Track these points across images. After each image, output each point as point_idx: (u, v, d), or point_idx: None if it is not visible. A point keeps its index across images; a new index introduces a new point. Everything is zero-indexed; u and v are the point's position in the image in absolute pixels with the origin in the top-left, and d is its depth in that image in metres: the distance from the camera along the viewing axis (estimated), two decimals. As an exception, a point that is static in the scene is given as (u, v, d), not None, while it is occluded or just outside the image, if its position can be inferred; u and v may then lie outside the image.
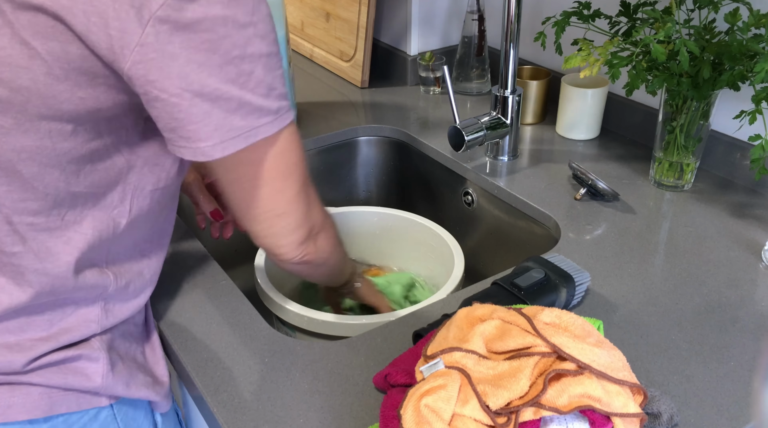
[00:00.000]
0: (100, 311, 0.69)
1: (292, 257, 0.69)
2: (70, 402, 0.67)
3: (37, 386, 0.65)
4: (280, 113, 0.60)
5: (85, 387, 0.67)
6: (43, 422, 0.66)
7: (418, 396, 0.55)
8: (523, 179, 1.06)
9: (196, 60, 0.54)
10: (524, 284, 0.74)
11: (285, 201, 0.65)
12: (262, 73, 0.57)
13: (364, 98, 1.38)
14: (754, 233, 0.90)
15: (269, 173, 0.63)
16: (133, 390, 0.70)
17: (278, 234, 0.67)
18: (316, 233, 0.70)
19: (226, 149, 0.58)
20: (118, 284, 0.69)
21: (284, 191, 0.65)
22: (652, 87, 0.90)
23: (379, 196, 1.34)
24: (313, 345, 0.73)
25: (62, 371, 0.66)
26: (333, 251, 0.76)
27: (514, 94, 1.06)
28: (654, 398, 0.61)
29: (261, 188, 0.63)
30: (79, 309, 0.67)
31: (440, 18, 1.41)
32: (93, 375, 0.67)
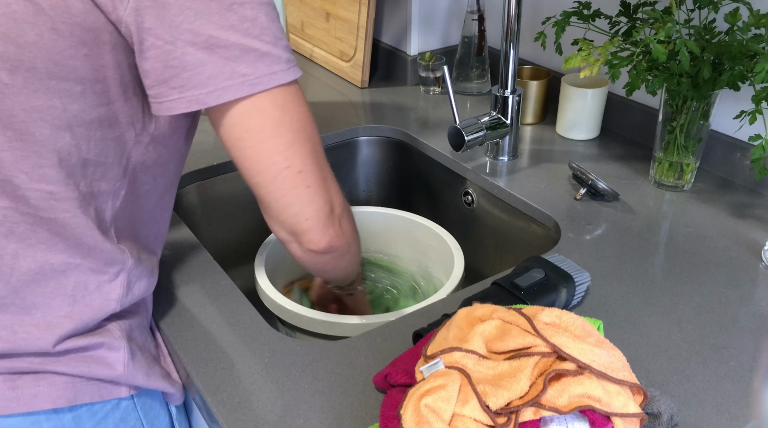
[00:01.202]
0: (122, 289, 0.69)
1: (318, 237, 0.67)
2: (93, 391, 0.67)
3: (61, 375, 0.66)
4: (291, 63, 0.60)
5: (107, 376, 0.68)
6: (68, 411, 0.67)
7: (418, 396, 0.55)
8: (523, 179, 1.06)
9: (191, 7, 0.54)
10: (524, 284, 0.74)
11: (301, 156, 0.63)
12: (266, 20, 0.57)
13: (364, 98, 1.38)
14: (754, 233, 0.90)
15: (283, 123, 0.61)
16: (152, 380, 0.71)
17: (300, 200, 0.64)
18: (339, 213, 0.68)
19: (222, 96, 0.57)
20: (134, 258, 0.70)
21: (300, 143, 0.62)
22: (652, 87, 0.90)
23: (379, 196, 1.34)
24: (313, 345, 0.73)
25: (85, 359, 0.66)
26: (354, 237, 0.74)
27: (514, 94, 1.06)
28: (654, 398, 0.61)
29: (274, 139, 0.61)
30: (102, 286, 0.68)
31: (440, 18, 1.41)
32: (115, 363, 0.68)
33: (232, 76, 0.57)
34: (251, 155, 0.62)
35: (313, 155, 0.64)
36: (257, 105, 0.59)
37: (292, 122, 0.61)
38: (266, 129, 0.60)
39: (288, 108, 0.61)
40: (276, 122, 0.60)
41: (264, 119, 0.60)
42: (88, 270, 0.66)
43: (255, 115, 0.60)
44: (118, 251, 0.68)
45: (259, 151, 0.61)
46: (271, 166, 0.62)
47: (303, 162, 0.63)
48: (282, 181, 0.63)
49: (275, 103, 0.60)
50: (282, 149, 0.62)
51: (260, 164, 0.62)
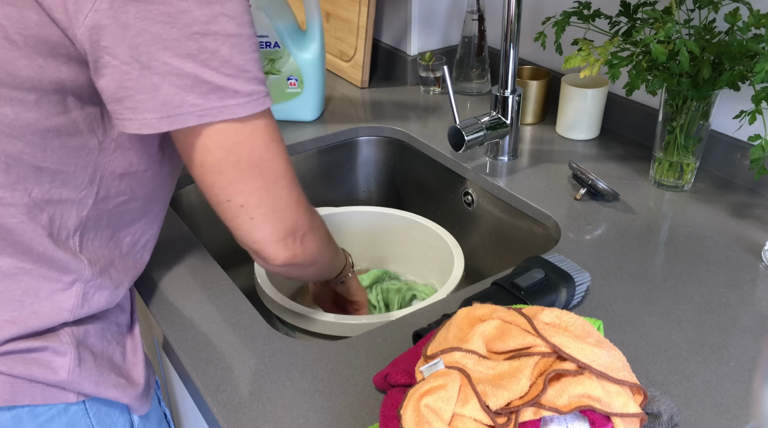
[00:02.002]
0: (77, 300, 0.67)
1: (273, 256, 0.67)
2: (34, 393, 0.65)
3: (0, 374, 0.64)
4: (253, 96, 0.59)
5: (49, 380, 0.65)
6: (6, 410, 0.65)
7: (418, 396, 0.55)
8: (523, 179, 1.06)
9: (151, 31, 0.53)
10: (524, 284, 0.74)
11: (241, 193, 0.63)
12: (230, 53, 0.56)
13: (364, 98, 1.38)
14: (754, 233, 0.90)
15: (227, 162, 0.61)
16: (102, 390, 0.69)
17: (243, 227, 0.65)
18: (302, 234, 0.68)
19: (173, 124, 0.56)
20: (93, 270, 0.68)
21: (247, 181, 0.62)
22: (652, 87, 0.90)
23: (379, 196, 1.34)
24: (313, 345, 0.73)
25: (26, 361, 0.65)
26: (321, 252, 0.74)
27: (514, 94, 1.06)
28: (654, 398, 0.61)
29: (214, 175, 0.61)
30: (54, 295, 0.66)
31: (440, 18, 1.41)
32: (59, 368, 0.66)
33: (181, 105, 0.56)
34: (197, 180, 0.63)
35: (261, 190, 0.63)
36: (201, 141, 0.59)
37: (238, 161, 0.61)
38: (207, 165, 0.61)
39: (235, 148, 0.60)
40: (219, 160, 0.60)
41: (207, 155, 0.60)
42: (39, 276, 0.65)
43: (198, 150, 0.60)
44: (74, 260, 0.66)
45: (202, 181, 0.62)
46: (212, 196, 0.63)
47: (245, 198, 0.63)
48: (223, 211, 0.64)
49: (221, 142, 0.59)
50: (224, 185, 0.62)
51: (204, 190, 0.63)
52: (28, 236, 0.63)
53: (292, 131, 1.24)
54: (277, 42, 1.19)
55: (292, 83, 1.23)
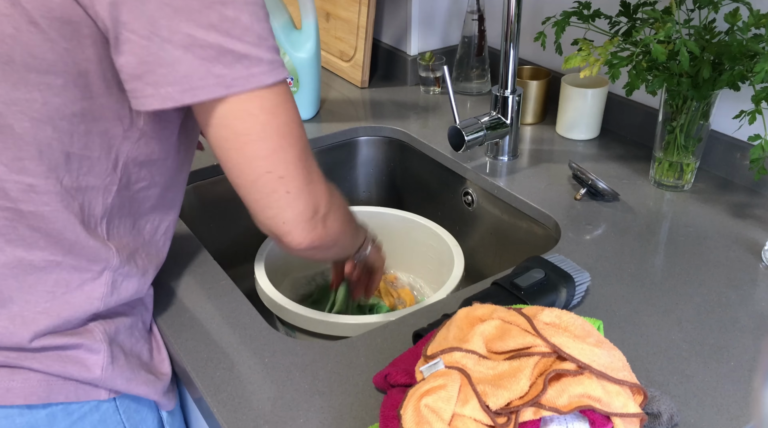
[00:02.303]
0: (106, 288, 0.68)
1: (299, 239, 0.66)
2: (69, 391, 0.66)
3: (36, 371, 0.65)
4: (275, 64, 0.58)
5: (84, 378, 0.67)
6: (41, 408, 0.66)
7: (418, 396, 0.55)
8: (523, 179, 1.06)
9: (171, 4, 0.53)
10: (524, 284, 0.74)
11: (284, 162, 0.62)
12: (249, 20, 0.56)
13: (364, 98, 1.38)
14: (754, 233, 0.90)
15: (266, 128, 0.60)
16: (133, 386, 0.70)
17: (278, 204, 0.63)
18: (323, 213, 0.67)
19: (197, 96, 0.56)
20: (120, 257, 0.69)
21: (284, 149, 0.61)
22: (652, 87, 0.90)
23: (379, 196, 1.34)
24: (313, 345, 0.73)
25: (62, 359, 0.66)
26: (344, 231, 0.73)
27: (514, 95, 1.06)
28: (654, 398, 0.61)
29: (257, 144, 0.60)
30: (85, 285, 0.67)
31: (440, 18, 1.41)
32: (93, 366, 0.67)
33: (206, 76, 0.55)
34: (234, 157, 0.61)
35: (297, 160, 0.63)
36: (243, 107, 0.58)
37: (278, 126, 0.60)
38: (252, 133, 0.59)
39: (275, 112, 0.60)
40: (263, 126, 0.59)
41: (250, 122, 0.59)
42: (70, 268, 0.66)
43: (241, 117, 0.59)
44: (103, 248, 0.67)
45: (241, 154, 0.61)
46: (252, 170, 0.61)
47: (286, 168, 0.62)
48: (262, 185, 0.62)
49: (262, 107, 0.59)
50: (265, 154, 0.61)
51: (241, 166, 0.61)
52: (61, 224, 0.63)
53: (292, 131, 1.24)
54: (275, 42, 1.19)
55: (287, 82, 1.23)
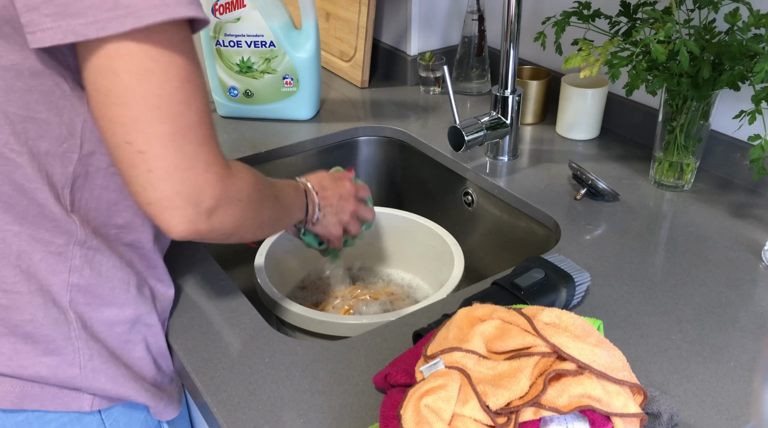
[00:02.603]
0: (76, 260, 0.63)
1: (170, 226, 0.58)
2: (44, 398, 0.63)
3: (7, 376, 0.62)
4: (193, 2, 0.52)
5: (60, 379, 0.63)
6: (17, 413, 0.63)
7: (418, 396, 0.55)
8: (523, 179, 1.06)
9: None
10: (524, 284, 0.74)
11: (143, 135, 0.54)
12: None
13: (364, 98, 1.38)
14: (754, 233, 0.90)
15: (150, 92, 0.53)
16: (120, 387, 0.66)
17: (139, 181, 0.55)
18: (209, 207, 0.58)
19: (104, 29, 0.50)
20: (86, 231, 0.64)
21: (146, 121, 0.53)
22: (652, 87, 0.90)
23: (379, 196, 1.34)
24: (313, 345, 0.73)
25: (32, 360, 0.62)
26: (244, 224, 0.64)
27: (514, 94, 1.06)
28: (654, 398, 0.61)
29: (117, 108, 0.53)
30: (49, 257, 0.62)
31: (440, 18, 1.41)
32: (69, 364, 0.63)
33: (115, 7, 0.49)
34: (97, 116, 0.55)
35: (166, 138, 0.54)
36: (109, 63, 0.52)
37: (147, 94, 0.53)
38: (112, 94, 0.53)
39: (146, 77, 0.52)
40: (125, 89, 0.52)
41: (114, 80, 0.52)
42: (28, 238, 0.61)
43: (105, 73, 0.52)
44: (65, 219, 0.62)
45: (103, 115, 0.54)
46: (112, 135, 0.55)
47: (147, 143, 0.54)
48: (121, 155, 0.55)
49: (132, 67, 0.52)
50: (126, 121, 0.53)
51: (104, 129, 0.55)
52: (9, 187, 0.60)
53: (291, 130, 1.24)
54: (273, 41, 1.19)
55: (287, 82, 1.23)
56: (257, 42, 1.19)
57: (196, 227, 0.58)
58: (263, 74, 1.23)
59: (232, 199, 0.61)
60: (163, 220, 0.57)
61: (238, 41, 1.20)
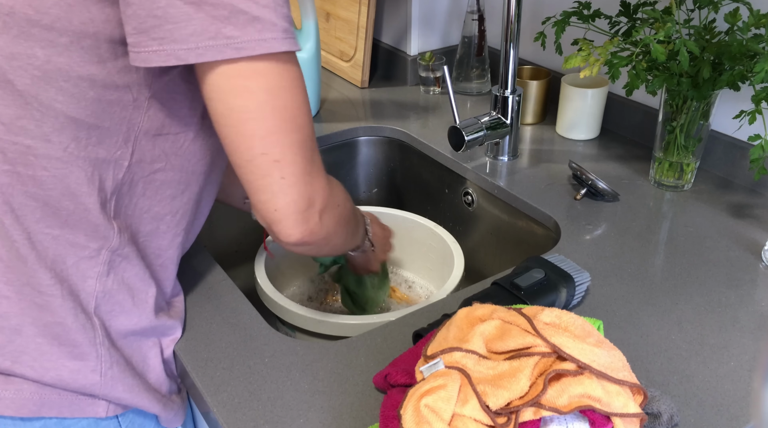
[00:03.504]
0: (102, 267, 0.65)
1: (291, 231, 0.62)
2: (62, 405, 0.64)
3: (29, 381, 0.63)
4: (289, 33, 0.55)
5: (80, 385, 0.64)
6: (36, 420, 0.64)
7: (418, 396, 0.55)
8: (523, 179, 1.06)
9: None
10: (524, 284, 0.74)
11: (281, 145, 0.59)
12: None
13: (364, 98, 1.38)
14: (754, 233, 0.90)
15: (269, 107, 0.57)
16: (135, 397, 0.68)
17: (271, 189, 0.60)
18: (320, 208, 0.64)
19: (203, 56, 0.53)
20: (122, 238, 0.66)
21: (283, 132, 0.58)
22: (652, 87, 0.90)
23: (379, 196, 1.34)
24: (313, 345, 0.73)
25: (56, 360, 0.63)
26: (337, 232, 0.70)
27: (514, 94, 1.06)
28: (654, 398, 0.61)
29: (255, 122, 0.57)
30: (81, 262, 0.64)
31: (440, 18, 1.41)
32: (90, 371, 0.64)
33: (216, 36, 0.53)
34: (230, 133, 0.58)
35: (297, 146, 0.59)
36: (244, 83, 0.56)
37: (280, 108, 0.58)
38: (249, 110, 0.57)
39: (278, 92, 0.57)
40: (261, 104, 0.57)
41: (249, 99, 0.56)
42: (66, 243, 0.63)
43: (240, 93, 0.56)
44: (105, 225, 0.64)
45: (238, 131, 0.58)
46: (248, 149, 0.58)
47: (282, 152, 0.59)
48: (255, 166, 0.59)
49: (265, 84, 0.56)
50: (263, 134, 0.58)
51: (237, 144, 0.59)
52: (59, 192, 0.61)
53: (292, 131, 1.24)
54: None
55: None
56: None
57: (310, 228, 0.63)
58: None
59: (334, 203, 0.67)
60: (287, 223, 0.62)
61: (238, 41, 1.20)
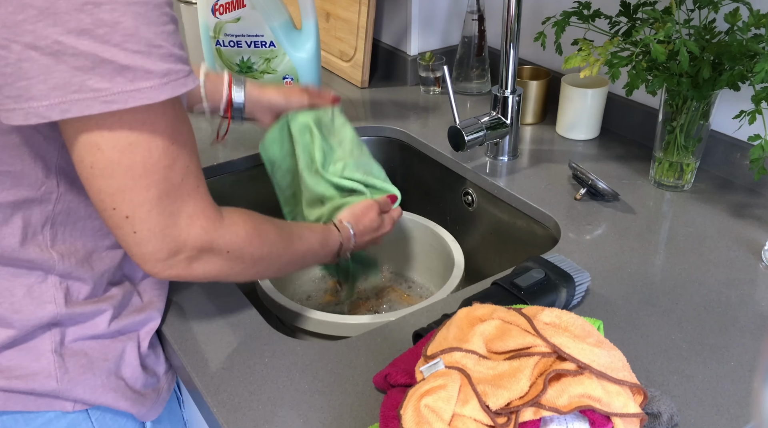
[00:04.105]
0: (55, 290, 0.64)
1: (151, 270, 0.60)
2: (28, 401, 0.63)
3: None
4: (170, 77, 0.51)
5: (36, 391, 0.64)
6: (2, 414, 0.64)
7: (418, 396, 0.55)
8: (523, 179, 1.06)
9: (34, 5, 0.46)
10: (524, 284, 0.74)
11: (131, 203, 0.56)
12: (134, 24, 0.49)
13: (364, 98, 1.38)
14: (754, 233, 0.90)
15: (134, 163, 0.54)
16: (99, 395, 0.66)
17: (125, 240, 0.58)
18: (188, 256, 0.60)
19: (67, 112, 0.49)
20: (68, 262, 0.64)
21: (132, 190, 0.55)
22: (652, 87, 0.90)
23: (379, 196, 1.34)
24: (313, 345, 0.73)
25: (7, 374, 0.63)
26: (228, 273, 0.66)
27: (514, 94, 1.06)
28: (654, 398, 0.61)
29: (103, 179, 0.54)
30: (32, 292, 0.63)
31: (440, 18, 1.41)
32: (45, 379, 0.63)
33: (80, 89, 0.49)
34: (84, 183, 0.56)
35: (150, 204, 0.56)
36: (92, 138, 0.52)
37: (132, 165, 0.54)
38: (97, 166, 0.54)
39: (130, 150, 0.53)
40: (110, 163, 0.53)
41: (97, 155, 0.53)
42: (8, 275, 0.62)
43: (88, 148, 0.53)
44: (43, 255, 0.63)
45: (90, 184, 0.55)
46: (99, 202, 0.56)
47: (132, 209, 0.56)
48: (108, 218, 0.57)
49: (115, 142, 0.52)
50: (111, 191, 0.55)
51: (91, 195, 0.57)
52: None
53: (292, 131, 1.24)
54: (272, 41, 1.19)
55: (287, 82, 1.23)
56: (257, 42, 1.20)
57: (177, 273, 0.61)
58: (263, 74, 1.23)
59: (217, 250, 0.62)
60: (147, 268, 0.60)
61: (238, 41, 1.20)
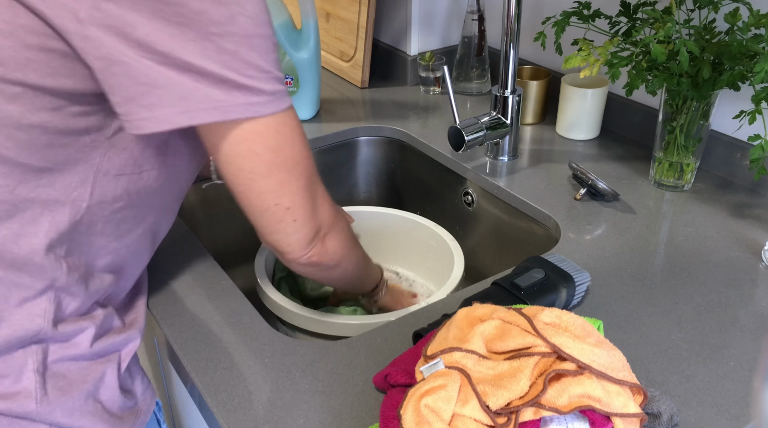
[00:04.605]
0: (48, 304, 0.64)
1: (298, 256, 0.68)
2: (2, 422, 0.62)
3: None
4: (276, 95, 0.58)
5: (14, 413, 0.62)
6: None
7: (418, 396, 0.55)
8: (523, 179, 1.06)
9: (165, 30, 0.52)
10: (524, 284, 0.74)
11: (290, 194, 0.63)
12: (249, 54, 0.55)
13: (364, 98, 1.38)
14: (754, 233, 0.90)
15: (271, 165, 0.61)
16: (76, 418, 0.65)
17: (285, 230, 0.65)
18: (324, 233, 0.69)
19: (193, 119, 0.55)
20: (71, 277, 0.65)
21: (290, 183, 0.63)
22: (652, 87, 0.90)
23: (379, 196, 1.34)
24: (313, 345, 0.73)
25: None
26: (346, 254, 0.74)
27: (514, 94, 1.06)
28: (654, 398, 0.61)
29: (264, 180, 0.61)
30: (26, 302, 0.62)
31: (440, 18, 1.41)
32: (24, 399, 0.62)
33: (204, 100, 0.55)
34: (243, 190, 0.62)
35: (304, 190, 0.64)
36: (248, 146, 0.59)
37: (283, 161, 0.61)
38: (257, 171, 0.61)
39: (278, 148, 0.61)
40: (267, 164, 0.61)
41: (255, 160, 0.60)
42: (9, 284, 0.61)
43: (246, 155, 0.60)
44: (53, 265, 0.63)
45: (251, 188, 0.62)
46: (261, 203, 0.63)
47: (292, 199, 0.64)
48: (270, 215, 0.64)
49: (266, 144, 0.60)
50: (272, 188, 0.62)
51: (250, 199, 0.63)
52: (2, 234, 0.60)
53: (292, 131, 1.24)
54: (275, 42, 1.19)
55: (287, 82, 1.23)
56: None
57: (316, 251, 0.69)
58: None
59: (339, 227, 0.72)
60: (293, 256, 0.68)
61: (238, 41, 1.20)
